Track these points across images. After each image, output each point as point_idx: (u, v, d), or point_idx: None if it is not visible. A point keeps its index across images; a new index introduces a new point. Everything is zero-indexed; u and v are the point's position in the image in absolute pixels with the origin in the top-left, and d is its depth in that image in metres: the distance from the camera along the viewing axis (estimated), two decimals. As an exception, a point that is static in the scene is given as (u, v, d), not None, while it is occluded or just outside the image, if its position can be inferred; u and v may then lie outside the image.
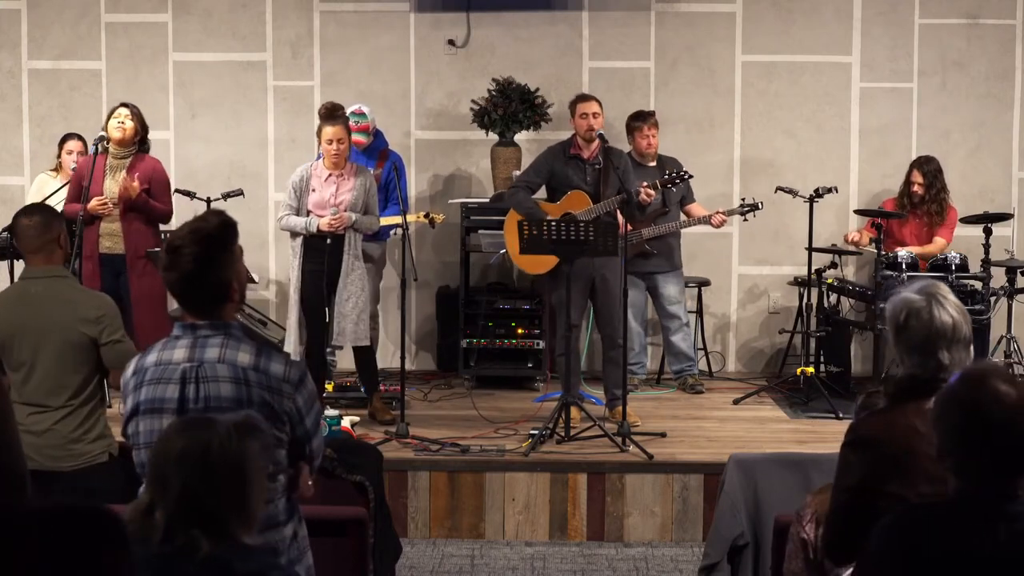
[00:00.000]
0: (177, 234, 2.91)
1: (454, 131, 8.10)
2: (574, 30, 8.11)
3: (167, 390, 2.85)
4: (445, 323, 7.89)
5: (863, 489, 2.90)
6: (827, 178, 7.72)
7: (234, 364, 2.85)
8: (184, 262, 2.84)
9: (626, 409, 6.03)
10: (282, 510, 2.88)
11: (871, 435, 2.93)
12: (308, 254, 6.24)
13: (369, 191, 6.28)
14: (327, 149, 6.19)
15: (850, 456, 2.96)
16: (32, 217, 4.19)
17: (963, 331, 2.96)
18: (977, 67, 8.05)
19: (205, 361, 2.86)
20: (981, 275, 6.85)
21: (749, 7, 8.07)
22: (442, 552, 5.52)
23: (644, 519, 5.66)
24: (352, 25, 8.12)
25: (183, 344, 2.89)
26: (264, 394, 2.84)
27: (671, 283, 7.39)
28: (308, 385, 2.93)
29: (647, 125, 7.34)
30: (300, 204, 6.23)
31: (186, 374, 2.85)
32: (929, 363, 2.93)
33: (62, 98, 8.16)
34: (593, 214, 6.30)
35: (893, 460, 2.86)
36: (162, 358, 2.90)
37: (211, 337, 2.88)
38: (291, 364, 2.91)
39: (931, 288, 3.02)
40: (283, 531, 2.88)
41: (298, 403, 2.89)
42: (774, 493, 4.55)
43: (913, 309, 2.97)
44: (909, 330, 2.97)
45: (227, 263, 2.90)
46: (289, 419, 2.88)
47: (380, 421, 6.39)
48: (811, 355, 7.09)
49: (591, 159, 6.43)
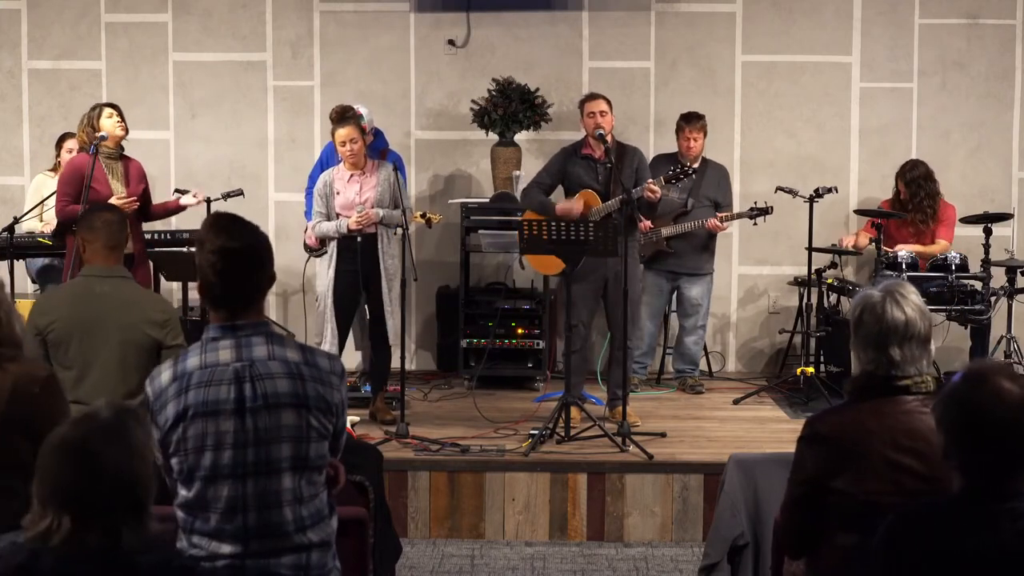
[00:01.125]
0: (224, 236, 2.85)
1: (454, 131, 8.10)
2: (574, 30, 8.11)
3: (220, 391, 2.81)
4: (445, 323, 7.89)
5: (814, 483, 2.94)
6: (827, 178, 7.73)
7: (285, 360, 2.87)
8: (246, 267, 2.86)
9: (626, 409, 6.03)
10: (326, 504, 2.94)
11: (823, 431, 2.97)
12: (341, 255, 6.30)
13: (393, 185, 6.32)
14: (342, 151, 6.26)
15: (804, 450, 3.00)
16: (114, 214, 4.20)
17: (917, 328, 2.96)
18: (977, 67, 8.05)
19: (256, 359, 2.85)
20: (981, 275, 6.86)
21: (749, 7, 8.08)
22: (442, 552, 5.52)
23: (644, 519, 5.66)
24: (352, 25, 8.13)
25: (226, 344, 2.86)
26: (318, 387, 2.88)
27: (696, 285, 7.38)
28: (346, 379, 3.01)
29: (689, 127, 7.30)
30: (329, 209, 6.28)
31: (239, 373, 2.83)
32: (881, 359, 2.95)
33: (62, 98, 8.16)
34: (601, 213, 6.31)
35: (844, 457, 2.89)
36: (206, 360, 2.85)
37: (253, 336, 2.88)
38: (332, 358, 2.98)
39: (893, 286, 3.04)
40: (331, 524, 2.95)
41: (344, 394, 2.96)
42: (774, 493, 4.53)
43: (868, 304, 3.00)
44: (863, 325, 2.99)
45: (272, 262, 2.94)
46: (336, 410, 2.93)
47: (381, 421, 6.39)
48: (811, 355, 7.09)
49: (602, 158, 6.43)
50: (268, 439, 2.81)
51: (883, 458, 2.86)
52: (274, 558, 2.80)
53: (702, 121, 7.34)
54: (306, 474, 2.86)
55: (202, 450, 2.79)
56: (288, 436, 2.82)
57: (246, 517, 2.80)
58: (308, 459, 2.85)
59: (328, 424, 2.90)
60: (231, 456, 2.79)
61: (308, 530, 2.85)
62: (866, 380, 2.99)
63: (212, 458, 2.79)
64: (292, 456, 2.83)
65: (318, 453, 2.88)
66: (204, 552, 2.80)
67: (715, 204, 7.32)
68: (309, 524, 2.86)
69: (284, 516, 2.82)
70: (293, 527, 2.83)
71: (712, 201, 7.31)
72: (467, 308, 7.49)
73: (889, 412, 2.90)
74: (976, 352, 7.12)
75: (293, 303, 8.15)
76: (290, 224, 7.92)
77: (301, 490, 2.84)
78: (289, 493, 2.82)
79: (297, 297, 8.08)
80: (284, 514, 2.82)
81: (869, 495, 2.84)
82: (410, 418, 6.25)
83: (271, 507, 2.81)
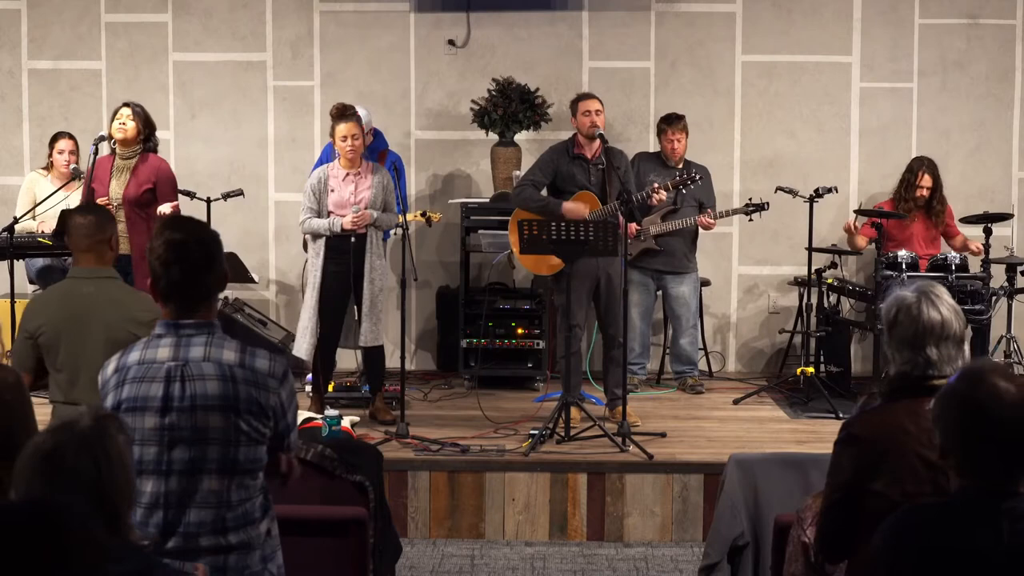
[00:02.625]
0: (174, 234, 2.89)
1: (454, 131, 8.10)
2: (574, 30, 8.11)
3: (151, 388, 2.86)
4: (445, 323, 7.89)
5: (852, 487, 2.93)
6: (827, 178, 7.73)
7: (220, 362, 2.88)
8: (193, 260, 2.87)
9: (626, 409, 6.03)
10: (258, 507, 2.93)
11: (860, 433, 2.95)
12: (330, 255, 6.26)
13: (387, 188, 6.32)
14: (342, 147, 6.22)
15: (840, 454, 2.98)
16: (87, 216, 4.18)
17: (953, 329, 2.97)
18: (977, 67, 8.05)
19: (190, 360, 2.88)
20: (981, 275, 6.86)
21: (749, 7, 8.07)
22: (442, 552, 5.52)
23: (644, 519, 5.66)
24: (352, 25, 8.12)
25: (167, 343, 2.91)
26: (251, 390, 2.88)
27: (683, 284, 7.37)
28: (290, 380, 2.98)
29: (672, 129, 7.30)
30: (320, 206, 6.26)
31: (171, 372, 2.87)
32: (918, 359, 2.95)
33: (62, 98, 8.16)
34: (602, 216, 6.30)
35: (880, 459, 2.88)
36: (145, 356, 2.91)
37: (195, 336, 2.90)
38: (275, 359, 2.95)
39: (926, 287, 3.05)
40: (259, 527, 2.93)
41: (282, 397, 2.93)
42: (774, 493, 4.55)
43: (904, 305, 3.00)
44: (899, 325, 2.99)
45: (222, 261, 2.97)
46: (274, 413, 2.92)
47: (380, 421, 6.39)
48: (811, 355, 7.09)
49: (594, 159, 6.43)
50: (193, 439, 2.84)
51: (921, 458, 2.84)
52: (190, 558, 2.81)
53: (683, 122, 7.34)
54: (236, 478, 2.87)
55: None
56: (215, 438, 2.85)
57: (166, 514, 2.84)
58: (237, 462, 2.86)
59: (263, 427, 2.89)
60: (155, 453, 2.84)
61: (229, 532, 2.86)
62: (901, 381, 2.97)
63: (140, 453, 2.83)
64: (219, 458, 2.85)
65: (249, 457, 2.88)
66: None
67: (699, 204, 7.32)
68: (232, 527, 2.86)
69: (203, 517, 2.84)
70: (211, 528, 2.85)
71: (697, 202, 7.31)
72: (467, 308, 7.49)
73: (925, 412, 2.89)
74: (976, 352, 7.12)
75: (293, 303, 8.14)
76: (290, 224, 7.91)
77: (228, 493, 2.86)
78: (213, 496, 2.85)
79: (297, 297, 8.07)
80: (204, 515, 2.84)
81: (907, 496, 2.81)
82: (410, 418, 6.25)
83: (191, 507, 2.84)
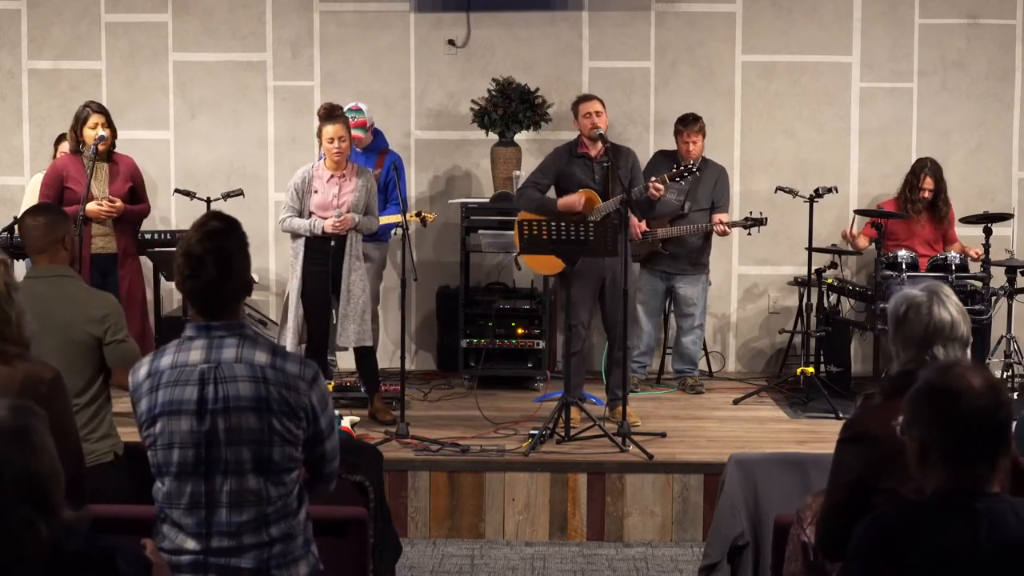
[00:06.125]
0: (192, 242, 2.91)
1: (454, 131, 8.10)
2: (574, 30, 8.11)
3: (185, 392, 2.89)
4: (445, 323, 7.89)
5: (858, 485, 2.92)
6: (827, 178, 7.73)
7: (252, 363, 2.90)
8: (209, 270, 2.88)
9: (626, 409, 6.03)
10: (295, 497, 2.97)
11: (865, 431, 2.95)
12: (310, 256, 6.24)
13: (370, 192, 6.29)
14: (328, 148, 6.19)
15: (845, 452, 2.98)
16: (37, 217, 4.18)
17: (961, 330, 2.98)
18: (977, 67, 8.05)
19: (223, 362, 2.90)
20: (981, 275, 6.85)
21: (749, 7, 8.07)
22: (442, 552, 5.52)
23: (644, 519, 5.66)
24: (352, 25, 8.12)
25: (199, 345, 2.93)
26: (282, 391, 2.90)
27: (691, 285, 7.37)
28: (321, 384, 2.99)
29: (688, 131, 7.25)
30: (302, 206, 6.23)
31: (204, 375, 2.89)
32: (923, 358, 2.96)
33: (62, 98, 8.15)
34: (601, 213, 6.30)
35: (887, 456, 2.87)
36: (178, 360, 2.93)
37: (226, 338, 2.93)
38: (305, 363, 2.98)
39: (935, 286, 3.06)
40: (299, 516, 2.98)
41: (312, 400, 2.94)
42: (774, 493, 4.55)
43: (914, 304, 3.01)
44: (908, 323, 3.01)
45: (246, 265, 2.97)
46: (305, 415, 2.94)
47: (380, 421, 6.39)
48: (811, 355, 7.09)
49: (598, 158, 6.43)
50: (229, 441, 2.87)
51: None
52: (235, 556, 2.87)
53: (700, 123, 7.30)
54: (272, 476, 2.89)
55: (170, 447, 2.88)
56: (250, 439, 2.87)
57: (207, 515, 2.87)
58: (272, 462, 2.89)
59: (295, 428, 2.91)
60: (194, 455, 2.87)
61: (271, 526, 2.90)
62: (904, 379, 2.95)
63: (179, 456, 2.87)
64: (254, 458, 2.87)
65: (284, 456, 2.90)
66: (172, 544, 2.90)
67: (711, 204, 7.32)
68: (273, 520, 2.90)
69: (245, 516, 2.87)
70: (253, 526, 2.88)
71: (710, 202, 7.30)
72: (467, 308, 7.49)
73: None
74: (976, 352, 7.11)
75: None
76: (290, 224, 7.91)
77: (267, 491, 2.89)
78: (252, 495, 2.87)
79: (297, 297, 8.07)
80: (245, 514, 2.87)
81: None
82: (410, 418, 6.25)
83: (232, 507, 2.87)
